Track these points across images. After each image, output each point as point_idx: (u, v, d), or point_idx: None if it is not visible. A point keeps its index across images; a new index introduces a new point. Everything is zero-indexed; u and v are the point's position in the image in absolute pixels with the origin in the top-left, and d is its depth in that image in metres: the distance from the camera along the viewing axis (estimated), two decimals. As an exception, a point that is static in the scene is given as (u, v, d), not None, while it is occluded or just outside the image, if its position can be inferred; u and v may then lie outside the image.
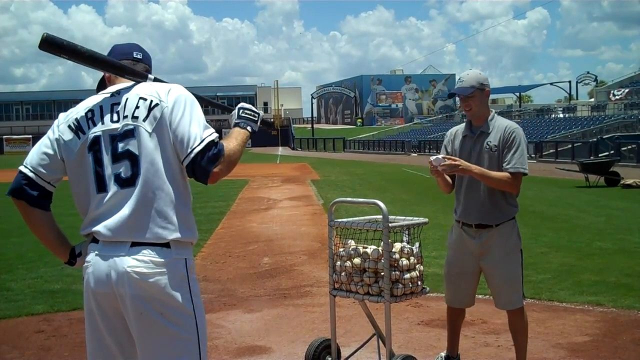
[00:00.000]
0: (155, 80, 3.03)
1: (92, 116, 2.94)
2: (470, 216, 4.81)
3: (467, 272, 4.91)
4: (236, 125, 3.05)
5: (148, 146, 2.81)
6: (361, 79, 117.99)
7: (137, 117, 2.84)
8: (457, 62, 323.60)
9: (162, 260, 2.80)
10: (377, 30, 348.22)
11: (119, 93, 2.95)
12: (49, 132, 3.01)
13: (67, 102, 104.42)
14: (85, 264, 2.95)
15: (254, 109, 3.13)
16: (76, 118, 2.97)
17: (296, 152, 69.25)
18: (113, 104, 2.92)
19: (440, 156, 4.64)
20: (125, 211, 2.81)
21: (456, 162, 4.56)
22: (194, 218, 2.99)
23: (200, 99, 3.23)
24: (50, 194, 3.03)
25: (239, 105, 3.14)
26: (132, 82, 3.00)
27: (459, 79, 4.85)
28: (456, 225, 4.97)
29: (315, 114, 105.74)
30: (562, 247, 10.52)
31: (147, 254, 2.79)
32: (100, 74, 3.16)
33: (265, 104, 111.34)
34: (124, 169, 2.83)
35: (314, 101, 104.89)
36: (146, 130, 2.82)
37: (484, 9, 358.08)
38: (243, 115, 3.09)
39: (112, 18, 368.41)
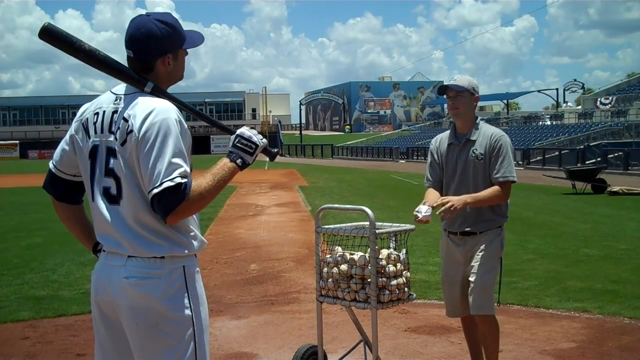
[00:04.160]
0: (153, 90, 2.83)
1: (96, 120, 2.86)
2: (455, 224, 4.83)
3: (457, 281, 4.90)
4: (227, 154, 2.84)
5: (127, 170, 2.74)
6: (349, 85, 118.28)
7: (117, 139, 2.76)
8: (445, 69, 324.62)
9: (157, 271, 2.77)
10: (365, 37, 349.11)
11: (120, 99, 2.84)
12: (71, 127, 2.99)
13: (54, 107, 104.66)
14: (93, 271, 2.97)
15: (253, 138, 2.87)
16: (87, 118, 2.90)
17: (284, 159, 69.18)
18: (113, 112, 2.82)
19: (424, 207, 4.57)
20: (115, 228, 2.78)
21: (449, 204, 4.53)
22: (192, 230, 2.87)
23: (201, 117, 3.17)
24: (80, 187, 3.00)
25: (238, 132, 2.89)
26: (133, 90, 2.85)
27: (452, 78, 4.90)
28: (443, 234, 4.99)
29: (303, 121, 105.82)
30: (548, 254, 10.55)
31: (143, 266, 2.76)
32: None
33: (254, 110, 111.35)
34: (112, 186, 2.79)
35: (303, 108, 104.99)
36: (124, 155, 2.74)
37: (471, 16, 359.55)
38: (238, 144, 2.85)
39: (99, 23, 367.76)
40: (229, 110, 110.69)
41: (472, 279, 4.78)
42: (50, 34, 2.76)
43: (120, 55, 2.92)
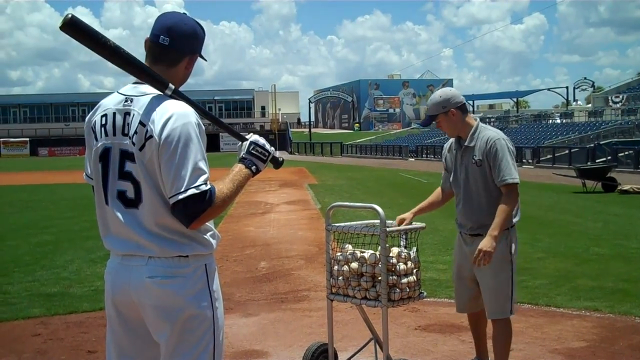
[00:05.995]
0: (174, 93, 2.80)
1: (105, 123, 2.83)
2: (466, 226, 4.87)
3: (463, 278, 4.96)
4: (242, 161, 2.87)
5: (146, 174, 2.72)
6: (359, 83, 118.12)
7: (135, 144, 2.73)
8: (455, 67, 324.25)
9: (181, 270, 2.78)
10: (374, 35, 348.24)
11: (131, 101, 2.80)
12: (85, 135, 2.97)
13: (64, 105, 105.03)
14: (106, 270, 2.95)
15: (267, 147, 2.93)
16: (95, 121, 2.87)
17: (293, 157, 69.24)
18: (125, 114, 2.78)
19: None
20: (134, 231, 2.77)
21: (480, 254, 4.57)
22: (211, 229, 2.89)
23: (217, 123, 3.13)
24: None
25: (252, 139, 2.93)
26: (145, 91, 2.81)
27: (427, 104, 5.05)
28: (457, 231, 5.05)
29: (312, 119, 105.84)
30: (559, 253, 10.51)
31: (166, 265, 2.76)
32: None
33: (263, 108, 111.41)
34: (128, 190, 2.77)
35: (312, 105, 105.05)
36: (142, 160, 2.72)
37: (480, 14, 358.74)
38: (253, 151, 2.89)
39: (108, 21, 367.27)
40: (238, 108, 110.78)
41: (482, 283, 4.80)
42: (74, 27, 2.62)
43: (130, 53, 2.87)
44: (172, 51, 2.86)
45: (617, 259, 9.94)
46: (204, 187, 2.64)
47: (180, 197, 2.62)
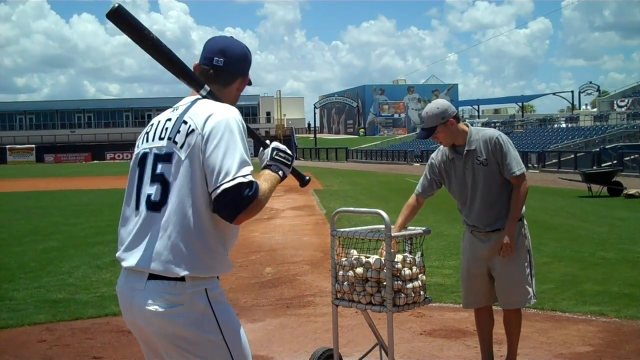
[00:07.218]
0: (208, 95, 2.86)
1: (149, 131, 2.90)
2: (481, 226, 5.04)
3: (478, 274, 5.13)
4: (267, 167, 2.86)
5: (179, 175, 2.71)
6: (364, 88, 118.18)
7: (176, 143, 2.74)
8: (460, 72, 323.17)
9: (177, 297, 2.70)
10: (379, 40, 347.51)
11: (177, 109, 2.87)
12: None
13: (70, 112, 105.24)
14: (116, 286, 2.94)
15: (288, 151, 2.94)
16: (144, 132, 2.95)
17: (299, 162, 69.24)
18: (167, 120, 2.85)
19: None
20: (146, 238, 2.74)
21: (504, 249, 4.90)
22: (223, 252, 2.85)
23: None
24: None
25: (273, 145, 2.92)
26: (192, 100, 2.88)
27: (422, 118, 5.04)
28: (467, 230, 5.21)
29: (317, 124, 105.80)
30: (564, 257, 10.49)
31: (163, 290, 2.70)
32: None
33: (268, 113, 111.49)
34: (155, 192, 2.75)
35: (317, 111, 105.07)
36: (180, 157, 2.71)
37: (485, 19, 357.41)
38: (276, 157, 2.89)
39: (113, 28, 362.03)
40: (243, 113, 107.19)
41: (501, 275, 5.02)
42: (120, 16, 2.70)
43: (135, 59, 2.83)
44: (226, 72, 2.94)
45: (623, 264, 9.91)
46: (250, 177, 2.64)
47: (227, 185, 2.60)
